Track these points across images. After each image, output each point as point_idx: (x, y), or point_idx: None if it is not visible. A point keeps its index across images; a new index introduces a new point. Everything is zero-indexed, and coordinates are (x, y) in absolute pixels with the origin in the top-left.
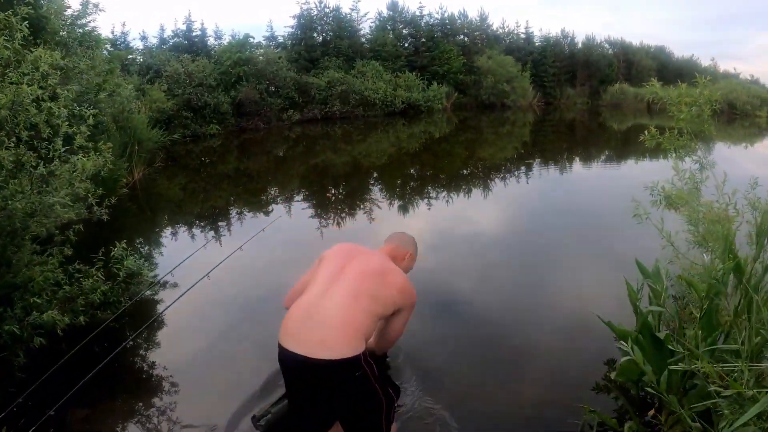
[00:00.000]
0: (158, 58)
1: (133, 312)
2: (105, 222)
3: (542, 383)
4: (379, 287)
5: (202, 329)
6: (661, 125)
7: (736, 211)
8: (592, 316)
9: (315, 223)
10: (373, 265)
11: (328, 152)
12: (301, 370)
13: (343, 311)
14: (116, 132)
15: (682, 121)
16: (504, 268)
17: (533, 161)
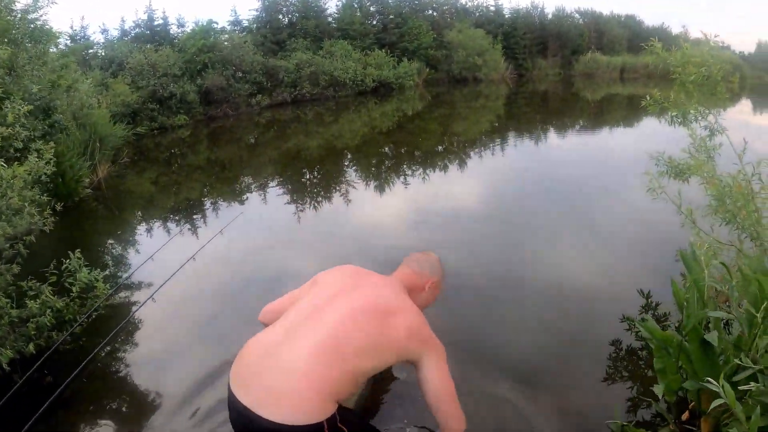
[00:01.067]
0: (120, 51)
1: (97, 326)
2: (66, 229)
3: (550, 383)
4: (377, 333)
5: (173, 333)
6: (635, 93)
7: (761, 182)
8: (589, 293)
9: (291, 209)
10: (373, 301)
11: (300, 136)
12: (246, 427)
13: (312, 362)
14: (76, 130)
15: (691, 84)
16: (488, 242)
17: (508, 134)
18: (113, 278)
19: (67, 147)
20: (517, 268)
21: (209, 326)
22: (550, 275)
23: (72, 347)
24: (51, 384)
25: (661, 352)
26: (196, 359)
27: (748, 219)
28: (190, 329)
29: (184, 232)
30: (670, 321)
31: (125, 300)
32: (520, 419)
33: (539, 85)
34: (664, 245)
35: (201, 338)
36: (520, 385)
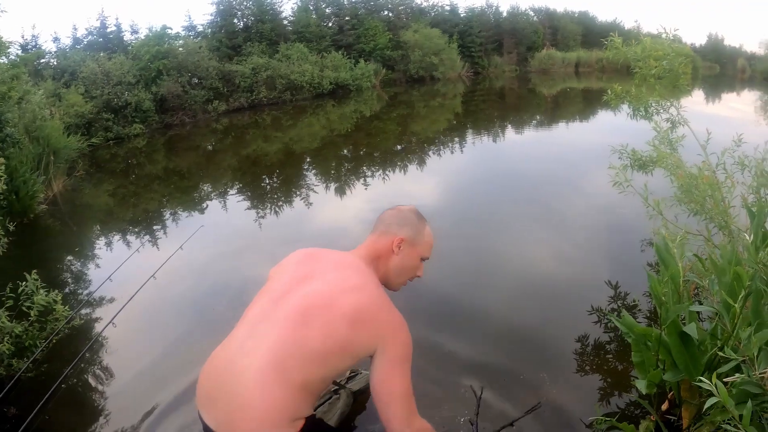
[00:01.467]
0: (73, 60)
1: (59, 350)
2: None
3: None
4: (321, 336)
5: (139, 354)
6: (590, 87)
7: (726, 172)
8: (557, 286)
9: (252, 216)
10: (317, 297)
11: (258, 141)
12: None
13: (260, 383)
14: (29, 143)
15: (652, 77)
16: (451, 240)
17: (467, 131)
18: (74, 296)
19: (20, 162)
20: (482, 264)
21: (176, 344)
22: (516, 270)
23: (35, 374)
24: (15, 415)
25: (640, 346)
26: (164, 379)
27: (716, 208)
28: (156, 348)
29: (144, 247)
30: (640, 308)
31: (87, 320)
32: (494, 416)
33: (496, 82)
34: (628, 236)
35: (168, 357)
36: (492, 382)
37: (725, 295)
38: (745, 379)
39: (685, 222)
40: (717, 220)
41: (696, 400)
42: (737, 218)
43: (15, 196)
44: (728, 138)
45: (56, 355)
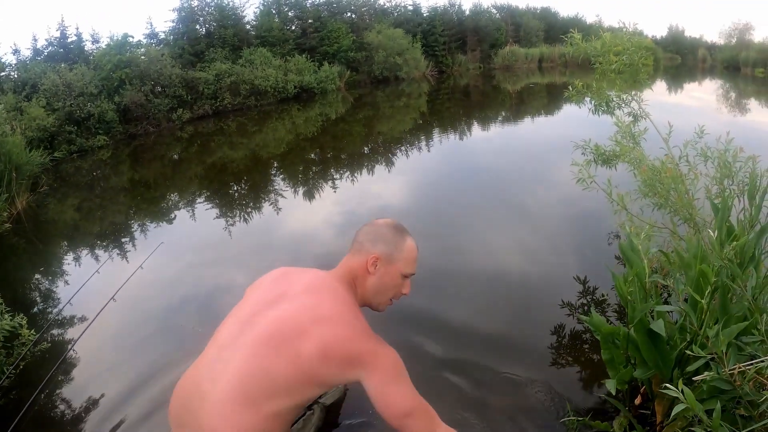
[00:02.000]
0: (33, 72)
1: (28, 376)
2: None
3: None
4: (283, 367)
5: (107, 376)
6: (554, 82)
7: (689, 164)
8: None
9: (220, 225)
10: (294, 316)
11: (224, 148)
12: None
13: (227, 413)
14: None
15: (613, 72)
16: (419, 238)
17: (433, 130)
18: (42, 317)
19: None
20: (449, 262)
21: (141, 364)
22: (484, 267)
23: (4, 402)
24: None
25: (609, 345)
26: (134, 401)
27: (680, 201)
28: (121, 369)
29: (107, 266)
30: (609, 303)
31: (54, 343)
32: (468, 419)
33: (460, 80)
34: (596, 229)
35: (133, 378)
36: (463, 381)
37: (692, 292)
38: (714, 377)
39: (651, 215)
40: (681, 213)
41: (668, 396)
42: (702, 210)
43: None
44: (691, 128)
45: (25, 381)
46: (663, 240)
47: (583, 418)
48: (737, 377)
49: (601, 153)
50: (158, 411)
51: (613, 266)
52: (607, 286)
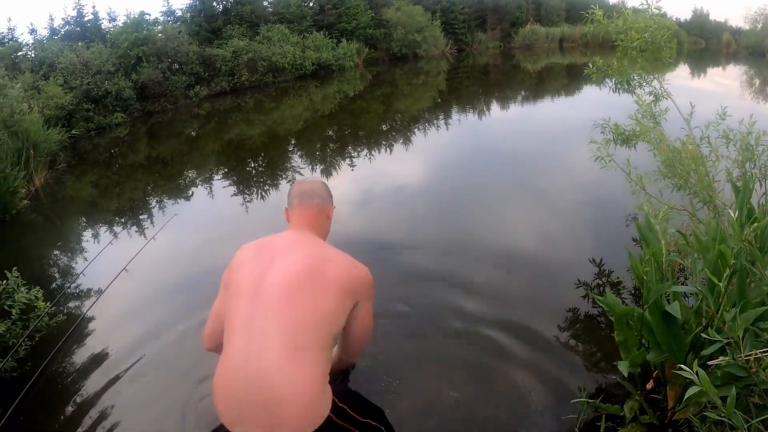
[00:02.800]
0: (50, 51)
1: (43, 348)
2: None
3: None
4: (321, 297)
5: (120, 345)
6: (575, 62)
7: (710, 146)
8: (541, 263)
9: (237, 201)
10: (299, 268)
11: (241, 125)
12: None
13: (290, 367)
14: (8, 138)
15: (635, 50)
16: (436, 217)
17: (451, 108)
18: (60, 291)
19: (0, 158)
20: (467, 242)
21: (152, 335)
22: (500, 246)
23: (19, 374)
24: (2, 417)
25: (622, 326)
26: (143, 368)
27: (700, 183)
28: (136, 339)
29: (123, 239)
30: (624, 286)
31: (69, 315)
32: (479, 398)
33: (480, 59)
34: (612, 211)
35: (142, 350)
36: (474, 359)
37: (709, 274)
38: (729, 362)
39: (669, 197)
40: (701, 195)
41: (681, 381)
42: (722, 193)
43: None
44: (713, 112)
45: (40, 353)
46: (681, 223)
47: (594, 401)
48: (753, 364)
49: (621, 132)
50: (167, 379)
51: (629, 249)
52: (622, 268)
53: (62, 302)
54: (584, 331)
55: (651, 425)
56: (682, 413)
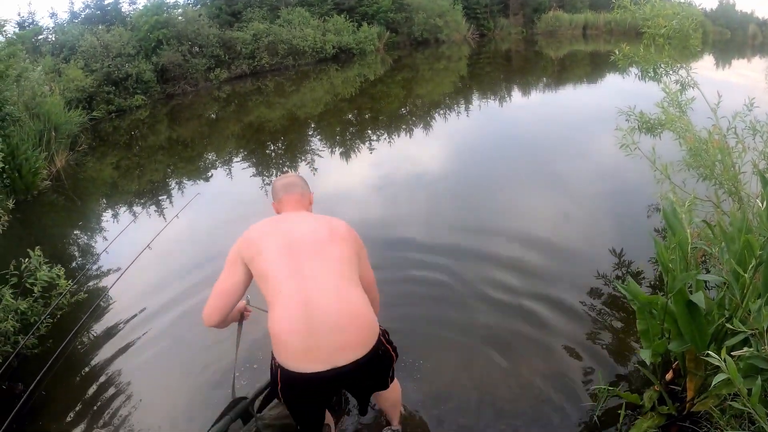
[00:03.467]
0: (71, 34)
1: (64, 325)
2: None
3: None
4: (343, 245)
5: (141, 323)
6: (598, 50)
7: (737, 136)
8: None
9: (256, 183)
10: (319, 227)
11: (261, 108)
12: (328, 383)
13: (345, 297)
14: (29, 120)
15: (662, 38)
16: (455, 202)
17: (472, 94)
18: (80, 270)
19: (22, 139)
20: (486, 228)
21: (178, 311)
22: (518, 233)
23: (41, 351)
24: (22, 392)
25: (645, 315)
26: (167, 348)
27: (726, 174)
28: (157, 317)
29: (144, 218)
30: (644, 277)
31: (90, 293)
32: (499, 383)
33: (502, 45)
34: (634, 201)
35: (169, 324)
36: (495, 346)
37: (735, 264)
38: (753, 354)
39: (693, 187)
40: (727, 186)
41: (701, 372)
42: (747, 185)
43: (18, 174)
44: (738, 105)
45: (61, 330)
46: (705, 214)
47: (614, 389)
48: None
49: (646, 121)
50: (189, 357)
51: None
52: (643, 258)
53: (84, 280)
54: (603, 320)
55: (669, 416)
56: (701, 405)
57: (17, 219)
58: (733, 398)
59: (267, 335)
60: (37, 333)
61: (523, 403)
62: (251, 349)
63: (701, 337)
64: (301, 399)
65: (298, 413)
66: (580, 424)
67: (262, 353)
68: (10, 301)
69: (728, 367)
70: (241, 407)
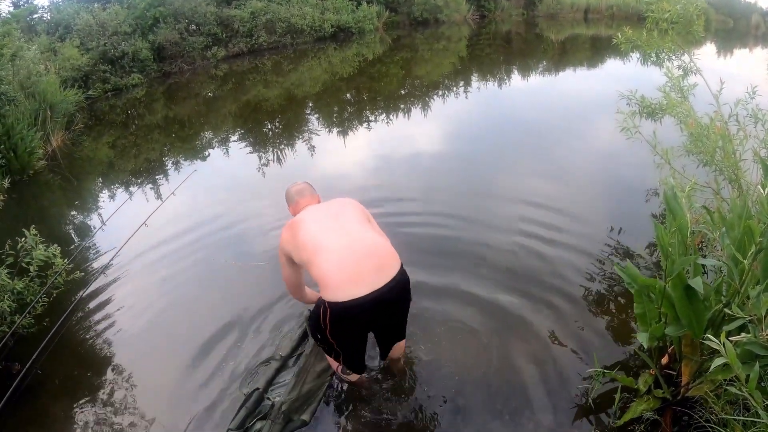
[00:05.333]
0: (66, 12)
1: (60, 304)
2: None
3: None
4: (357, 210)
5: (138, 300)
6: (599, 34)
7: (738, 124)
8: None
9: (254, 161)
10: (344, 203)
11: (259, 86)
12: (384, 300)
13: (372, 234)
14: (25, 100)
15: (665, 22)
16: (451, 184)
17: (471, 76)
18: (75, 250)
19: (17, 119)
20: (483, 209)
21: (172, 289)
22: (514, 216)
23: (37, 330)
24: (19, 371)
25: (642, 298)
26: (162, 325)
27: (726, 161)
28: (152, 294)
29: (142, 195)
30: (642, 260)
31: (87, 272)
32: (494, 364)
33: (502, 26)
34: (632, 186)
35: (165, 302)
36: (492, 329)
37: (734, 250)
38: (751, 339)
39: (693, 173)
40: (727, 173)
41: (697, 357)
42: (747, 173)
43: (13, 154)
44: (738, 93)
45: (57, 309)
46: (704, 200)
47: (610, 371)
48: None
49: (647, 105)
50: (183, 333)
51: (650, 225)
52: (641, 242)
53: (80, 259)
54: (599, 303)
55: (664, 400)
56: (696, 390)
57: (13, 199)
58: (729, 385)
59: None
60: (33, 312)
61: (517, 384)
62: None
63: (698, 322)
64: (350, 327)
65: (346, 343)
66: (575, 406)
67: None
68: (6, 280)
69: (727, 351)
70: (255, 397)
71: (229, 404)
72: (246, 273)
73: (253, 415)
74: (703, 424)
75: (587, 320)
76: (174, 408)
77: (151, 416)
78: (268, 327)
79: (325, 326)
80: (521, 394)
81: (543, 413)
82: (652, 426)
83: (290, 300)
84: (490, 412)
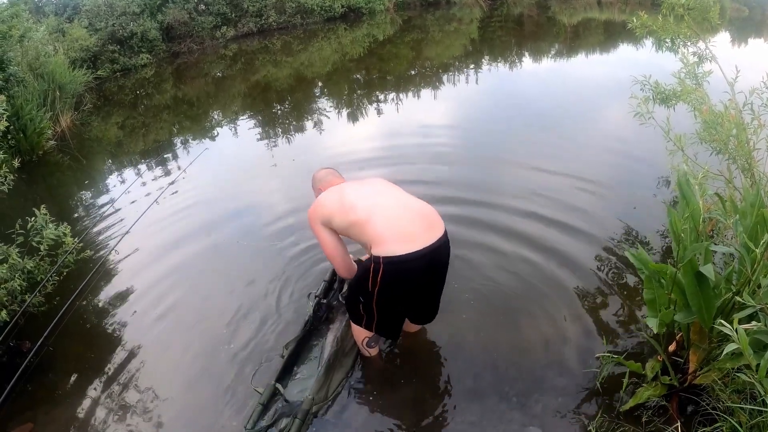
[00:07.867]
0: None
1: (70, 283)
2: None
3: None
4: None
5: (148, 279)
6: (612, 19)
7: (753, 113)
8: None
9: (263, 141)
10: (376, 179)
11: (268, 66)
12: (434, 258)
13: (416, 198)
14: (34, 81)
15: (681, 7)
16: (461, 168)
17: (482, 58)
18: (87, 229)
19: (26, 100)
20: (495, 191)
21: (183, 268)
22: (524, 202)
23: (48, 308)
24: (30, 349)
25: (653, 284)
26: (172, 305)
27: (740, 150)
28: (162, 273)
29: (151, 175)
30: (652, 247)
31: (97, 251)
32: (502, 346)
33: (514, 9)
34: (644, 173)
35: (175, 281)
36: (502, 309)
37: (746, 239)
38: (761, 328)
39: (706, 161)
40: (740, 162)
41: (705, 345)
42: (761, 162)
43: (23, 134)
44: (754, 83)
45: (68, 288)
46: (717, 189)
47: (618, 357)
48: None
49: (661, 91)
50: (193, 313)
51: (660, 212)
52: (650, 229)
53: (90, 238)
54: (608, 288)
55: (671, 386)
56: (704, 377)
57: (22, 179)
58: (737, 373)
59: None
60: (43, 291)
61: (526, 366)
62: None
63: (708, 309)
64: (401, 285)
65: (391, 304)
66: (582, 389)
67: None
68: (16, 260)
69: (740, 337)
70: (268, 392)
71: (241, 388)
72: (258, 253)
73: (272, 412)
74: (710, 411)
75: (596, 305)
76: (186, 389)
77: (163, 396)
78: (282, 307)
79: (374, 285)
80: (529, 377)
81: (550, 396)
82: (659, 412)
83: (304, 280)
84: (498, 393)
